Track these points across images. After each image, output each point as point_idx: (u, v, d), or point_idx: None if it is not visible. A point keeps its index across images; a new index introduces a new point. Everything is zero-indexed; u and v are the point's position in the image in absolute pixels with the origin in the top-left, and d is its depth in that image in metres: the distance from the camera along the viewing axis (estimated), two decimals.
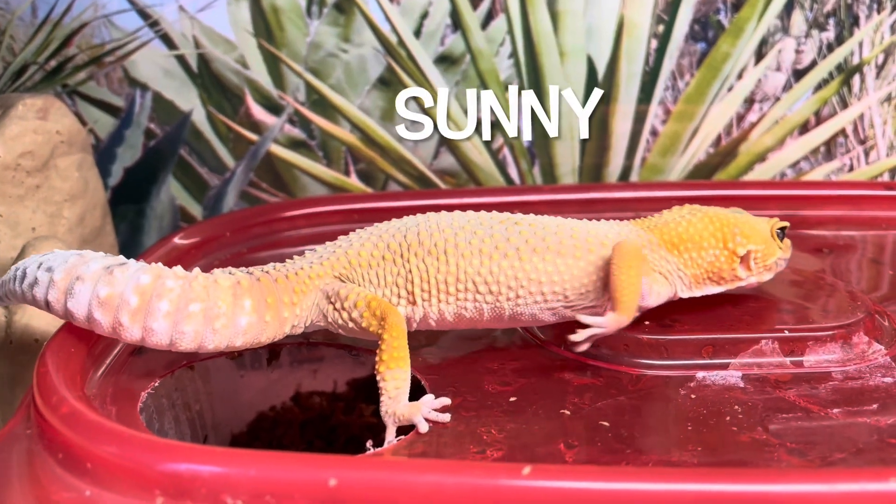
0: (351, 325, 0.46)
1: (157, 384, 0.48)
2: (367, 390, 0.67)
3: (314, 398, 0.68)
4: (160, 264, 0.45)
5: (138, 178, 0.82)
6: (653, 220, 0.51)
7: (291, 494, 0.33)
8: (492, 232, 0.48)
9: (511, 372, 0.48)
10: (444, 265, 0.47)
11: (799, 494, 0.31)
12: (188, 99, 0.80)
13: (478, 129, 0.81)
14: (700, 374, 0.46)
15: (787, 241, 0.53)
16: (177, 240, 0.64)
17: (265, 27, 0.78)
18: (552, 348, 0.50)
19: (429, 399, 0.45)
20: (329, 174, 0.82)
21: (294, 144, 0.81)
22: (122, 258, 0.45)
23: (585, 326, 0.46)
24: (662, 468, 0.37)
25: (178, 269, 0.45)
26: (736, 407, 0.43)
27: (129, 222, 0.83)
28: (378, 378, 0.44)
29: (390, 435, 0.43)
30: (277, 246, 0.69)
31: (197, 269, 0.46)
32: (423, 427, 0.43)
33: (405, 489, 0.32)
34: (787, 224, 0.52)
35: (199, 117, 0.80)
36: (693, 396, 0.44)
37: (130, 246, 0.83)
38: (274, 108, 0.80)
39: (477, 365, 0.49)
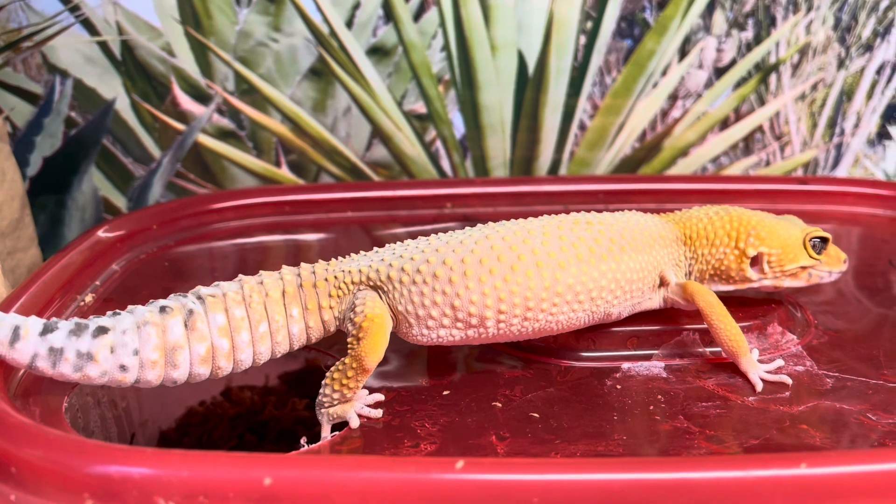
0: (350, 336, 0.44)
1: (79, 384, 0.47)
2: (300, 384, 0.67)
3: (245, 392, 0.67)
4: (199, 290, 0.43)
5: (59, 168, 0.79)
6: (679, 214, 0.52)
7: (226, 494, 0.33)
8: (577, 236, 0.46)
9: (445, 366, 0.49)
10: (535, 279, 0.44)
11: (715, 481, 0.33)
12: (111, 87, 0.77)
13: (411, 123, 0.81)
14: (625, 365, 0.48)
15: (836, 252, 0.51)
16: (101, 233, 0.62)
17: (192, 14, 0.76)
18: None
19: (362, 395, 0.45)
20: (259, 165, 0.81)
21: (223, 135, 0.80)
22: (173, 301, 0.43)
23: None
24: (587, 459, 0.38)
25: (230, 292, 0.43)
26: (659, 396, 0.45)
27: (50, 214, 0.80)
28: (324, 381, 0.44)
29: (325, 432, 0.44)
30: (206, 239, 0.68)
31: (244, 282, 0.44)
32: (355, 422, 0.43)
33: (340, 486, 0.33)
34: (825, 235, 0.51)
35: (123, 105, 0.78)
36: (619, 387, 0.46)
37: (51, 238, 0.80)
38: (202, 97, 0.78)
39: (412, 359, 0.50)
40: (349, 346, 0.44)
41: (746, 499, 0.33)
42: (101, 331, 0.41)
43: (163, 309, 0.42)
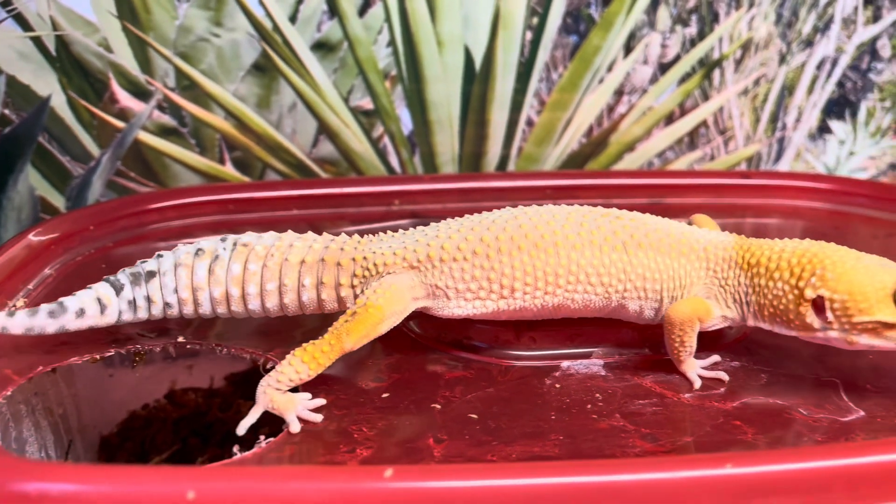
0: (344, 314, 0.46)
1: (10, 392, 0.46)
2: (246, 385, 0.66)
3: (189, 395, 0.66)
4: (242, 236, 0.49)
5: None
6: (754, 239, 0.48)
7: None
8: (598, 224, 0.47)
9: (386, 367, 0.48)
10: (553, 257, 0.47)
11: (643, 482, 0.33)
12: (47, 83, 0.75)
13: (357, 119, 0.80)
14: (565, 364, 0.48)
15: None
16: (32, 236, 0.60)
17: (129, 9, 0.74)
18: (427, 342, 0.51)
19: (305, 397, 0.44)
20: (202, 162, 0.80)
21: (164, 132, 0.78)
22: (213, 242, 0.48)
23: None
24: (513, 464, 0.38)
25: (259, 246, 0.48)
26: (597, 395, 0.45)
27: None
28: (288, 357, 0.44)
29: (255, 414, 0.43)
30: (146, 239, 0.67)
31: (281, 239, 0.49)
32: (295, 427, 0.42)
33: (265, 498, 0.32)
34: None
35: (59, 103, 0.76)
36: (558, 386, 0.46)
37: None
38: (141, 93, 0.77)
39: (352, 360, 0.49)
40: (335, 323, 0.45)
41: (674, 499, 0.33)
42: (151, 275, 0.47)
43: (198, 252, 0.47)
